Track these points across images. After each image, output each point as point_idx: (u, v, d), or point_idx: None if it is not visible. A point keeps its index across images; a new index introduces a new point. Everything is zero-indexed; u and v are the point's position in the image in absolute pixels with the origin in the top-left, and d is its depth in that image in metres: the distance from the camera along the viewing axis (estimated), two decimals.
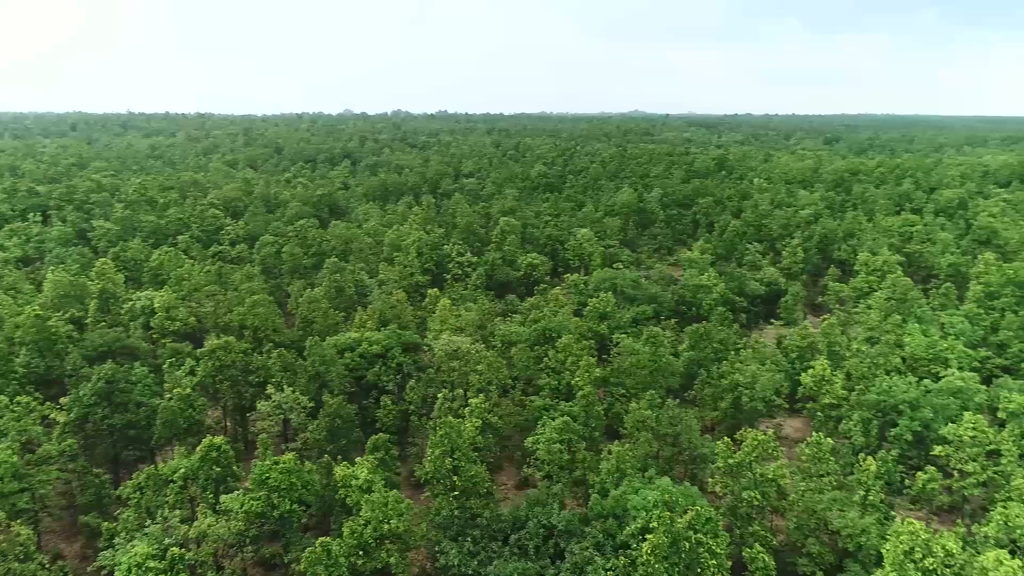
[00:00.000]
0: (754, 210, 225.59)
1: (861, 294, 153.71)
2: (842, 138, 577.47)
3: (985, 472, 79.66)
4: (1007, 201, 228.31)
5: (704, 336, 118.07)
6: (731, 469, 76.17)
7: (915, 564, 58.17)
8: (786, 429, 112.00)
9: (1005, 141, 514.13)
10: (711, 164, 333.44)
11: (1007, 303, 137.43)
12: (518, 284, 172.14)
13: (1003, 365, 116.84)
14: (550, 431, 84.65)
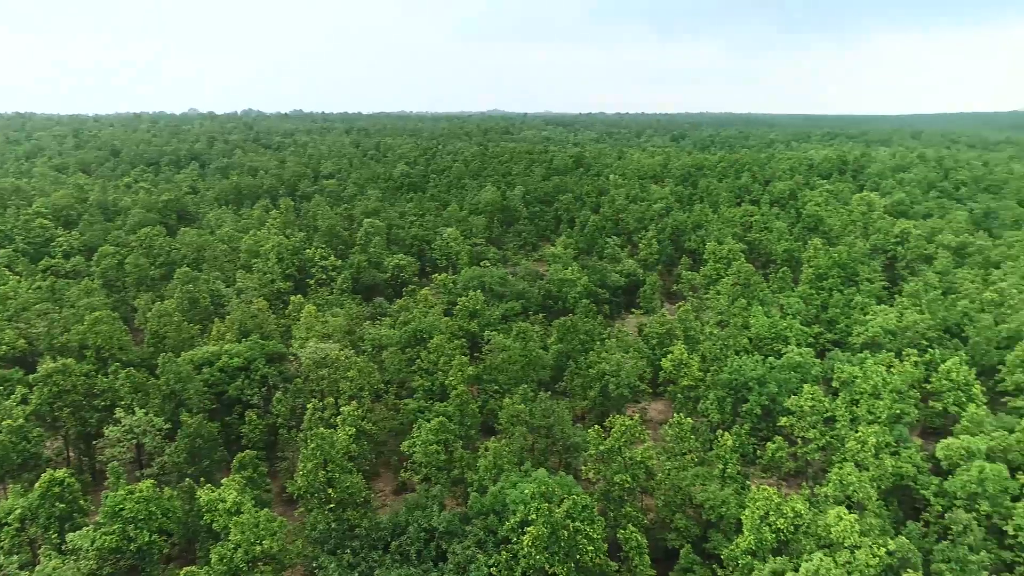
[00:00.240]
0: (611, 205, 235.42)
1: (711, 281, 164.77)
2: (687, 135, 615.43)
3: (823, 438, 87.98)
4: (829, 191, 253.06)
5: (571, 328, 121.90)
6: (602, 455, 79.22)
7: (769, 527, 63.31)
8: (650, 412, 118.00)
9: (825, 137, 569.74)
10: (569, 162, 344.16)
11: (833, 283, 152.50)
12: (386, 286, 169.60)
13: (833, 339, 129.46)
14: (426, 433, 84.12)
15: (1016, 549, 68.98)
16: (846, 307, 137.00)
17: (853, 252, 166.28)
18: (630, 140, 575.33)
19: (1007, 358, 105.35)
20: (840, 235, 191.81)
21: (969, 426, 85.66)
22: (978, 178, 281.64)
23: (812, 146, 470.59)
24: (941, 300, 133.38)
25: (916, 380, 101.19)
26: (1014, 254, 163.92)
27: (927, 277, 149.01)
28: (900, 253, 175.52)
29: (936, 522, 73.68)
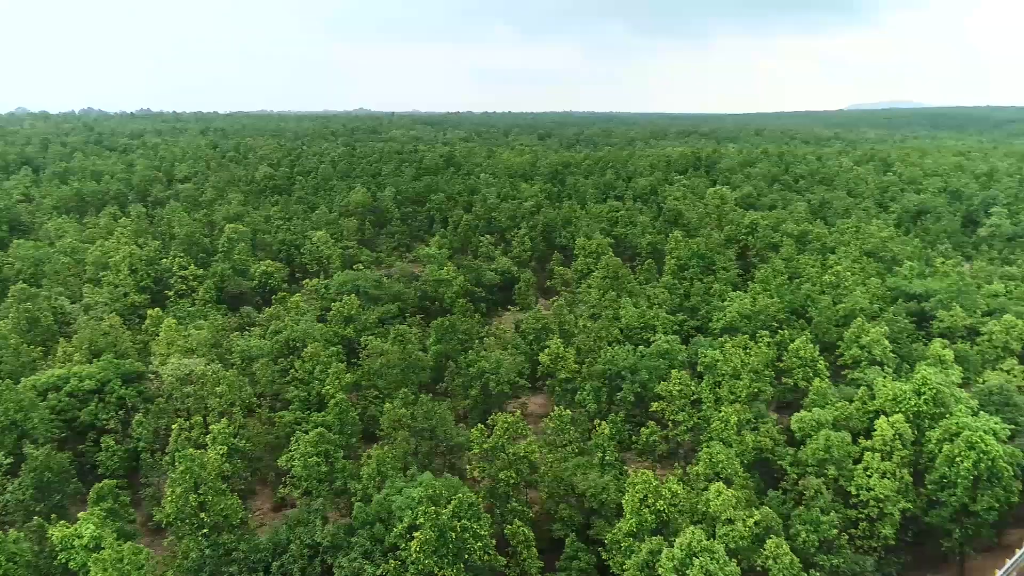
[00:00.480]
0: (483, 204, 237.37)
1: (582, 275, 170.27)
2: (553, 134, 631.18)
3: (692, 419, 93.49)
4: (686, 186, 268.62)
5: (449, 329, 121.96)
6: (486, 453, 79.99)
7: (649, 508, 66.46)
8: (531, 407, 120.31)
9: (680, 135, 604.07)
10: (440, 161, 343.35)
11: (694, 273, 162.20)
12: (253, 294, 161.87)
13: (696, 326, 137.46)
14: (305, 445, 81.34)
15: (859, 507, 76.48)
16: (706, 295, 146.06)
17: (710, 243, 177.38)
18: (498, 139, 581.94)
19: (845, 335, 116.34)
20: (698, 227, 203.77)
21: (816, 399, 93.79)
22: (814, 171, 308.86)
23: (669, 144, 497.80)
24: (788, 284, 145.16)
25: (770, 360, 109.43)
26: (846, 240, 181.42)
27: (775, 264, 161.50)
28: (751, 242, 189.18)
29: (792, 489, 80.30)
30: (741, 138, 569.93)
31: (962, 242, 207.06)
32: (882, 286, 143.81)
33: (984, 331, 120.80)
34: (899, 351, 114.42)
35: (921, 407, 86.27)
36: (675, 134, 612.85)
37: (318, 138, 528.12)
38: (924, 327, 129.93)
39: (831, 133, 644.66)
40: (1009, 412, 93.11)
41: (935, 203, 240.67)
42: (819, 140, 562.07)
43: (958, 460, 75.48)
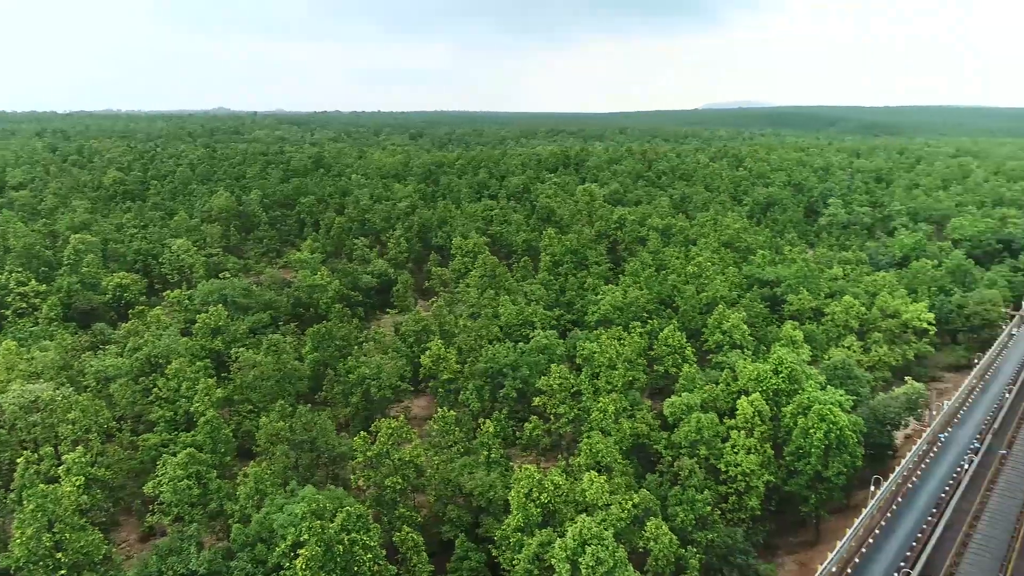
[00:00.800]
0: (356, 205, 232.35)
1: (460, 275, 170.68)
2: (425, 134, 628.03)
3: (572, 411, 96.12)
4: (557, 184, 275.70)
5: (326, 335, 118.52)
6: (371, 461, 78.45)
7: (535, 502, 67.72)
8: (414, 410, 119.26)
9: (549, 134, 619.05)
10: (309, 162, 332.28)
11: (568, 268, 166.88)
12: (107, 310, 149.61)
13: (572, 320, 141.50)
14: (173, 468, 76.26)
15: (728, 483, 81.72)
16: (580, 289, 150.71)
17: (582, 239, 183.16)
18: (369, 139, 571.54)
19: (708, 321, 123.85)
20: (570, 224, 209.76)
21: (686, 383, 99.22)
22: (674, 168, 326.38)
23: (539, 143, 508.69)
24: (655, 276, 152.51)
25: (642, 349, 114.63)
26: (705, 232, 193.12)
27: (643, 257, 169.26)
28: (620, 237, 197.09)
29: (668, 471, 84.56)
30: (606, 137, 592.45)
31: (805, 231, 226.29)
32: (739, 274, 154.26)
33: (827, 312, 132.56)
34: (756, 334, 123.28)
35: (778, 385, 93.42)
36: (545, 133, 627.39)
37: (173, 139, 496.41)
38: (777, 310, 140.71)
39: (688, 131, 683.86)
40: (851, 384, 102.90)
41: (781, 196, 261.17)
42: (678, 138, 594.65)
43: (811, 431, 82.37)
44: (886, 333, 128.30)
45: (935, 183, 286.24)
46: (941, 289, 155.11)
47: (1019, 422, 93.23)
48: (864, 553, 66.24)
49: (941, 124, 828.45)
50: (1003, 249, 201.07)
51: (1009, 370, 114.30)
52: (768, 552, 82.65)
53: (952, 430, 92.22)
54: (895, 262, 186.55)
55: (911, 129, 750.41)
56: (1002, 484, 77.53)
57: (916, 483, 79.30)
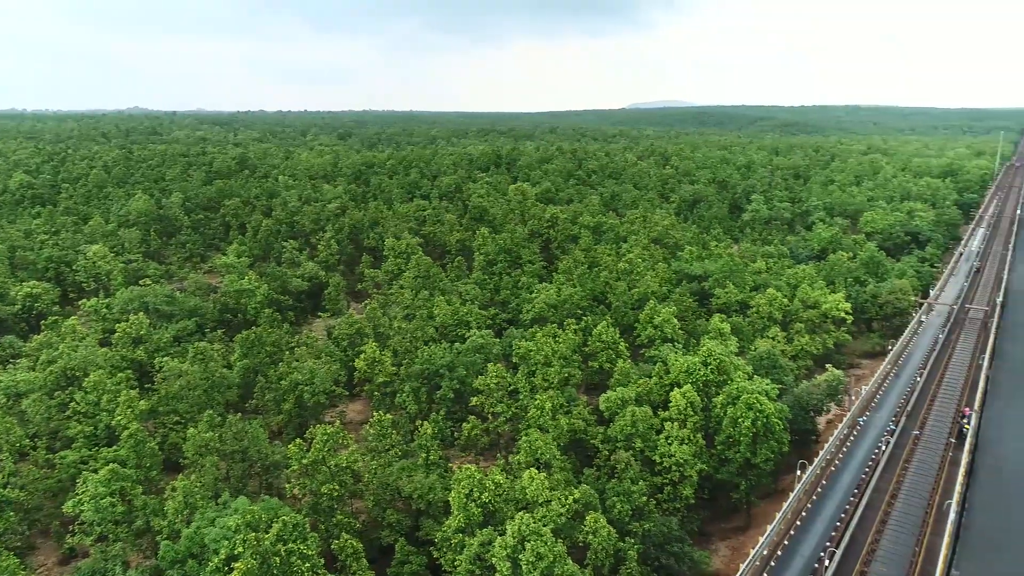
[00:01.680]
0: (284, 207, 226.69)
1: (393, 276, 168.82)
2: (353, 133, 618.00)
3: (510, 410, 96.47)
4: (489, 183, 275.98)
5: (256, 341, 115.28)
6: (306, 468, 76.77)
7: (475, 502, 67.67)
8: (350, 414, 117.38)
9: (480, 133, 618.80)
10: (233, 164, 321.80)
11: (502, 267, 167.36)
12: (16, 321, 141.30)
13: (508, 318, 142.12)
14: (95, 485, 72.69)
15: (662, 473, 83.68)
16: (515, 288, 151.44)
17: (515, 238, 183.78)
18: (296, 139, 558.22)
19: (640, 316, 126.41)
20: (503, 223, 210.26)
21: (620, 378, 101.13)
22: (604, 167, 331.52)
23: (470, 142, 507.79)
24: (588, 273, 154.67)
25: (577, 345, 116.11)
26: (635, 229, 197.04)
27: (575, 255, 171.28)
28: (552, 235, 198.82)
29: (605, 464, 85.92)
30: (537, 136, 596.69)
31: (730, 226, 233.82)
32: (668, 270, 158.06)
33: (752, 304, 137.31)
34: (686, 328, 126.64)
35: (708, 377, 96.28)
36: (475, 132, 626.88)
37: (86, 140, 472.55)
38: (705, 304, 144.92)
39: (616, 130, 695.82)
40: (776, 373, 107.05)
41: (707, 193, 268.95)
42: (606, 137, 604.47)
43: (740, 420, 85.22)
44: (807, 323, 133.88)
45: (848, 179, 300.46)
46: (856, 280, 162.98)
47: (930, 404, 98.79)
48: (793, 535, 68.90)
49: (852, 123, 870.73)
50: (911, 241, 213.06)
51: (919, 356, 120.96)
52: (703, 539, 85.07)
53: (870, 414, 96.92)
54: (814, 255, 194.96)
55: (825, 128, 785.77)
56: (916, 463, 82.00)
57: (838, 466, 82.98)
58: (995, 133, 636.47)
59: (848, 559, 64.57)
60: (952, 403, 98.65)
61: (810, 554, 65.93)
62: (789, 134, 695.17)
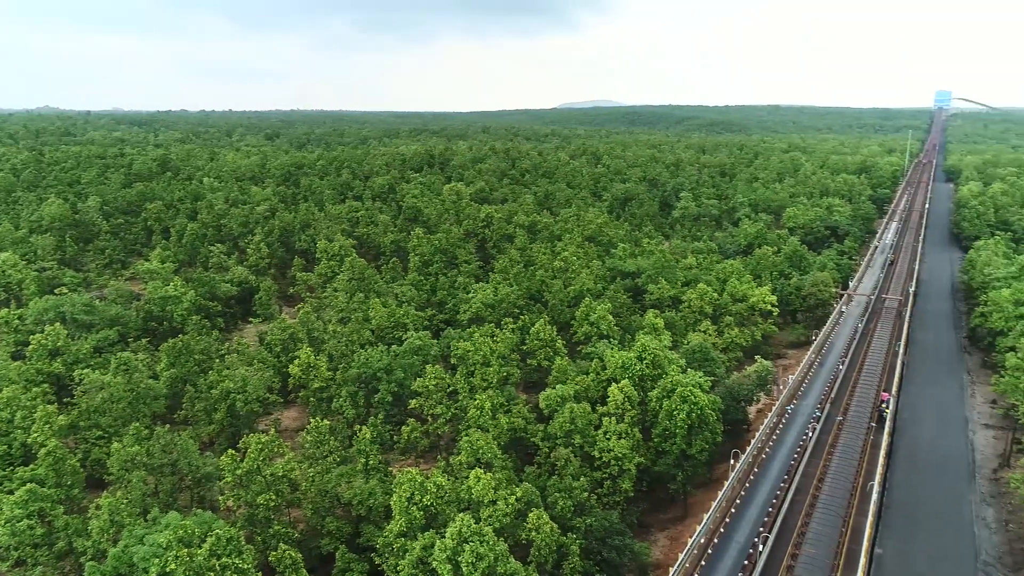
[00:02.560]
0: (210, 210, 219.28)
1: (327, 279, 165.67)
2: (281, 133, 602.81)
3: (449, 411, 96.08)
4: (423, 184, 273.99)
5: (183, 350, 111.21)
6: (241, 479, 74.51)
7: (417, 506, 67.07)
8: (285, 421, 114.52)
9: (412, 133, 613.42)
10: (154, 165, 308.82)
11: (438, 268, 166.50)
12: None
13: (445, 319, 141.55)
14: (11, 507, 68.67)
15: (602, 468, 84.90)
16: (451, 288, 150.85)
17: (450, 238, 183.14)
18: (221, 140, 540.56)
19: (576, 314, 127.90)
20: (437, 223, 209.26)
21: (558, 376, 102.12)
22: (537, 166, 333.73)
23: (402, 142, 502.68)
24: (524, 272, 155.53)
25: (515, 344, 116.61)
26: (569, 227, 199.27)
27: (511, 254, 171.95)
28: (488, 235, 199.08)
29: (546, 461, 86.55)
30: (470, 135, 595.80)
31: (661, 223, 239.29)
32: (603, 267, 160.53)
33: (684, 299, 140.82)
34: (621, 323, 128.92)
35: (643, 371, 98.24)
36: (407, 132, 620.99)
37: None
38: (639, 300, 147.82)
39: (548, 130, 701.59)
40: (709, 366, 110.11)
41: (638, 191, 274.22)
42: (539, 136, 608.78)
43: (675, 413, 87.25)
44: (736, 316, 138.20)
45: (771, 176, 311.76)
46: (781, 273, 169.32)
47: (852, 391, 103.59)
48: (728, 522, 71.07)
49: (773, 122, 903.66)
50: (831, 235, 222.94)
51: (841, 344, 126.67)
52: (642, 531, 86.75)
53: (797, 402, 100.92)
54: (741, 250, 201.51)
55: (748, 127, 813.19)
56: (840, 448, 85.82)
57: (769, 453, 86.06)
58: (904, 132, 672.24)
59: (780, 543, 67.08)
60: (872, 389, 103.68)
61: (745, 540, 68.15)
62: (715, 133, 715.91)
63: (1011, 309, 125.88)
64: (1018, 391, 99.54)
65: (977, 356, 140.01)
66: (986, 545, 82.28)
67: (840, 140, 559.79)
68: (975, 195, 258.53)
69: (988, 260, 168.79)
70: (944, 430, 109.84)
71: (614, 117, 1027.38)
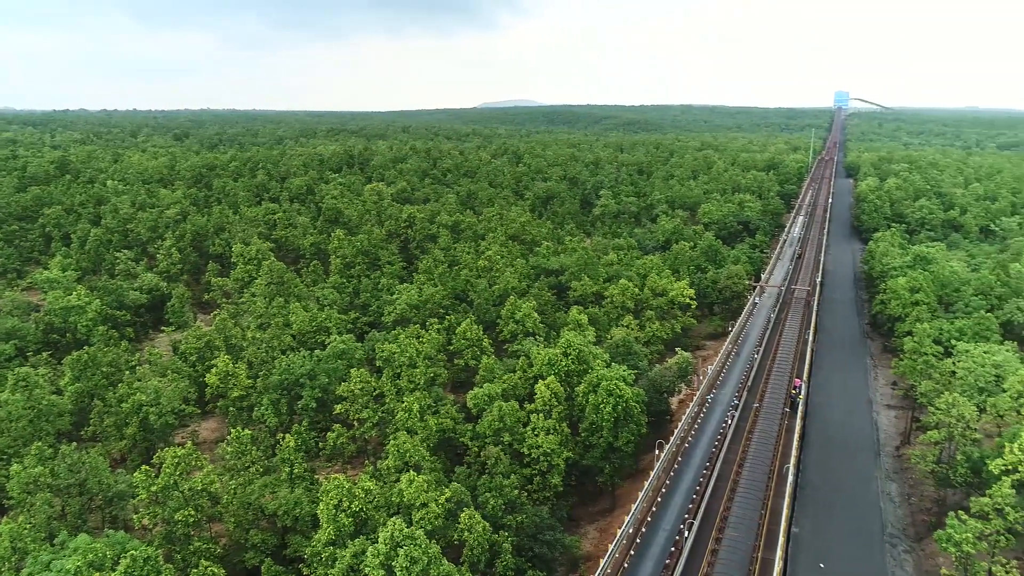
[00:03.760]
0: (115, 215, 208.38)
1: (244, 284, 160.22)
2: (191, 134, 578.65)
3: (376, 415, 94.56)
4: (343, 184, 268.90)
5: (89, 363, 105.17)
6: (156, 496, 71.08)
7: (345, 513, 65.70)
8: (204, 433, 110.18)
9: (330, 133, 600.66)
10: (51, 168, 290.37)
11: (360, 270, 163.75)
12: None
13: (369, 321, 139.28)
14: None
15: (531, 465, 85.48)
16: (375, 290, 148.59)
17: (372, 239, 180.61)
18: (125, 140, 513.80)
19: (502, 312, 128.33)
20: (359, 224, 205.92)
21: (485, 374, 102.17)
22: (459, 165, 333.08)
23: (320, 142, 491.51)
24: (448, 272, 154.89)
25: (441, 344, 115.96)
26: (493, 227, 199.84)
27: (434, 254, 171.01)
28: (411, 235, 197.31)
29: (475, 461, 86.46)
30: (389, 135, 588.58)
31: (582, 221, 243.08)
32: (526, 265, 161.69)
33: (607, 295, 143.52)
34: (547, 321, 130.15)
35: (569, 367, 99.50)
36: (325, 132, 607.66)
37: None
38: (563, 297, 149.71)
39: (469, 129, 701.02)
40: (632, 360, 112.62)
41: (559, 189, 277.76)
42: (459, 136, 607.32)
43: (601, 407, 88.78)
44: (657, 310, 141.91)
45: (686, 174, 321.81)
46: (698, 267, 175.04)
47: (767, 378, 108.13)
48: (655, 511, 72.87)
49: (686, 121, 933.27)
50: (743, 229, 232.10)
51: (756, 334, 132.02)
52: (572, 524, 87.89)
53: (716, 391, 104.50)
54: (659, 246, 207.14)
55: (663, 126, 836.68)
56: (758, 433, 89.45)
57: (692, 442, 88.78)
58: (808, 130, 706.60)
59: (705, 527, 69.35)
60: (785, 376, 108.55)
61: (671, 527, 70.07)
62: (632, 132, 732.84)
63: (907, 296, 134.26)
64: (915, 373, 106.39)
65: (879, 341, 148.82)
66: (891, 518, 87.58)
67: (749, 138, 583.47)
68: (873, 190, 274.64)
69: (886, 251, 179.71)
70: (851, 412, 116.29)
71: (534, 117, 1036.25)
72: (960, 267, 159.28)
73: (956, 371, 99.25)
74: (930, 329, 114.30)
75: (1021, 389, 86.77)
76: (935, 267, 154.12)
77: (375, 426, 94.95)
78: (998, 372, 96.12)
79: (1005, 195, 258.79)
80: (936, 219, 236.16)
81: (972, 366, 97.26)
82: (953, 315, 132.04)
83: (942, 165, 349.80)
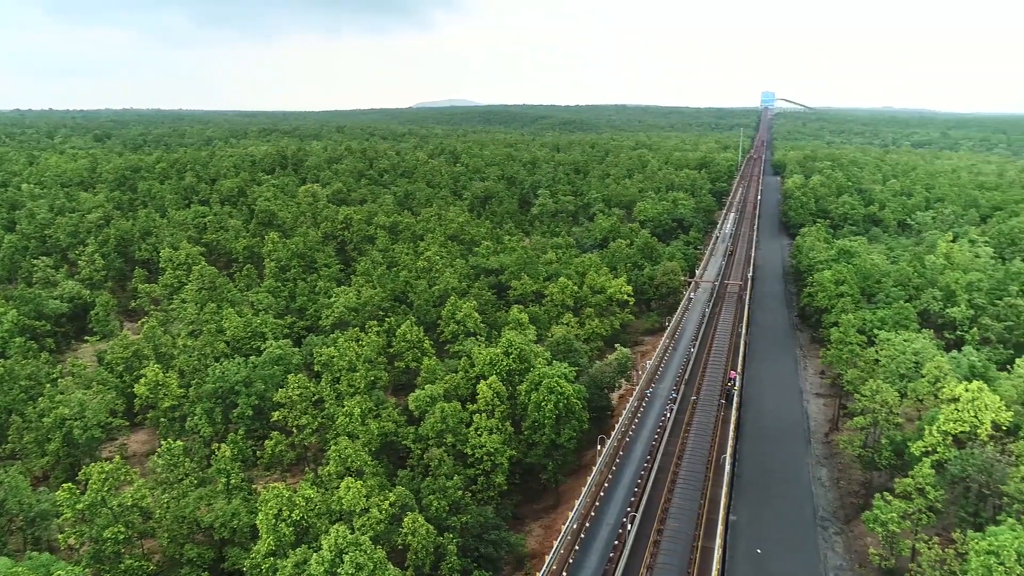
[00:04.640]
0: (31, 220, 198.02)
1: (173, 290, 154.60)
2: (113, 134, 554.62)
3: (316, 420, 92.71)
4: (276, 186, 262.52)
5: (6, 376, 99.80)
6: (83, 514, 67.89)
7: (285, 522, 64.15)
8: (133, 446, 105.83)
9: (261, 133, 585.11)
10: None
11: (296, 273, 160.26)
12: None
13: (306, 326, 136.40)
14: None
15: (475, 465, 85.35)
16: (312, 293, 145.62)
17: (308, 241, 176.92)
18: (41, 142, 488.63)
19: (442, 313, 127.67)
20: (293, 226, 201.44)
21: (427, 376, 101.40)
22: (395, 166, 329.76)
23: (251, 142, 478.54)
24: (387, 274, 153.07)
25: (381, 347, 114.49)
26: (431, 227, 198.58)
27: (373, 255, 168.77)
28: (348, 237, 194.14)
29: (419, 464, 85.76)
30: (324, 135, 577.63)
31: (521, 220, 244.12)
32: (466, 265, 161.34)
33: (547, 293, 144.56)
34: (487, 320, 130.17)
35: (511, 366, 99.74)
36: (256, 132, 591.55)
37: None
38: (503, 296, 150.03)
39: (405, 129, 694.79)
40: (572, 357, 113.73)
41: (497, 189, 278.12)
42: (396, 136, 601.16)
43: (543, 404, 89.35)
44: (596, 307, 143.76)
45: (622, 173, 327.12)
46: (635, 264, 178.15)
47: (703, 372, 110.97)
48: (598, 506, 73.80)
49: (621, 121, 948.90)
50: (677, 227, 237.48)
51: (692, 329, 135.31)
52: (517, 523, 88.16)
53: (655, 385, 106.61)
54: (597, 244, 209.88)
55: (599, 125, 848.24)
56: (695, 425, 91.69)
57: (632, 436, 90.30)
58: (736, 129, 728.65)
59: (647, 519, 70.63)
60: (721, 368, 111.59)
61: (615, 521, 71.09)
62: (568, 132, 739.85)
63: (832, 288, 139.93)
64: (842, 362, 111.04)
65: (807, 332, 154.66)
66: (822, 502, 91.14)
67: (681, 138, 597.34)
68: (799, 187, 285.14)
69: (812, 245, 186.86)
70: (783, 401, 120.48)
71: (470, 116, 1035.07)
72: (880, 260, 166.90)
73: (879, 359, 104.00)
74: (854, 319, 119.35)
75: (937, 374, 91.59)
76: (858, 260, 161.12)
77: (315, 432, 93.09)
78: (917, 359, 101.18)
79: (919, 191, 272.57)
80: (858, 214, 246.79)
81: (893, 354, 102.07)
82: (875, 305, 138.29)
83: (862, 162, 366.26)
